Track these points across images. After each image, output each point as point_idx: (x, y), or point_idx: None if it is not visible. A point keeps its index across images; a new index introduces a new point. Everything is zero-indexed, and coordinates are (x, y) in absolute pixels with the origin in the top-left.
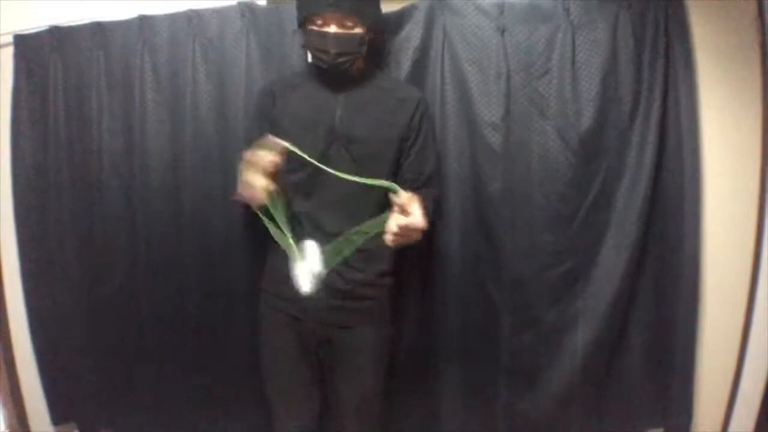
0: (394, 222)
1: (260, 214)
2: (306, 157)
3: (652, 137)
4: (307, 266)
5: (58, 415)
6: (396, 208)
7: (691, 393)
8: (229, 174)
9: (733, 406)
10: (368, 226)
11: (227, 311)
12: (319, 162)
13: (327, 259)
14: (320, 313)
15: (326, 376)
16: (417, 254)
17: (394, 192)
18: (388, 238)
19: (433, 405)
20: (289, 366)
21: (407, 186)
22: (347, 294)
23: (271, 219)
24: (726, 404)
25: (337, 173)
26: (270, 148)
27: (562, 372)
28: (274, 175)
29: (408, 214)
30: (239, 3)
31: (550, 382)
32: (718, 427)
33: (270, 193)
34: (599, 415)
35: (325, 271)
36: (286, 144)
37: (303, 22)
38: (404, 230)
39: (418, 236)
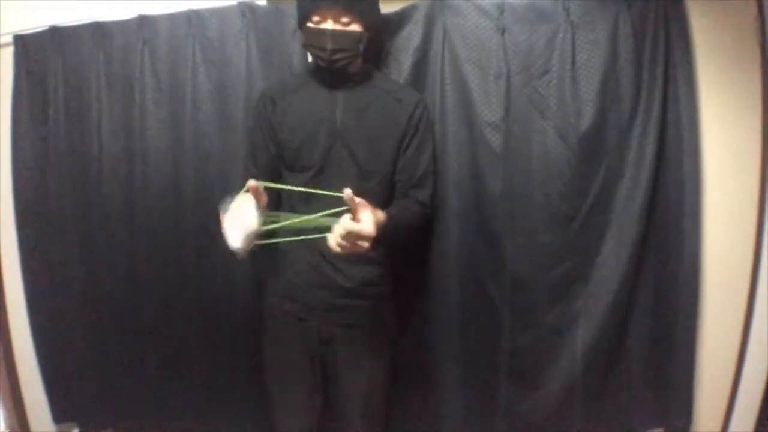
0: (341, 226)
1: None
2: (284, 187)
3: (652, 137)
4: (240, 219)
5: (58, 415)
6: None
7: (691, 393)
8: (229, 174)
9: (733, 406)
10: (314, 219)
11: (228, 311)
12: (322, 163)
13: (262, 221)
14: (324, 312)
15: (329, 376)
16: (417, 254)
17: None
18: (332, 243)
19: (433, 405)
20: (292, 367)
21: (400, 184)
22: (350, 292)
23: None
24: (726, 404)
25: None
26: (248, 189)
27: (562, 372)
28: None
29: (357, 219)
30: (239, 3)
31: (550, 382)
32: (718, 427)
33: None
34: (599, 415)
35: (257, 231)
36: (263, 184)
37: (302, 21)
38: (350, 237)
39: (365, 247)
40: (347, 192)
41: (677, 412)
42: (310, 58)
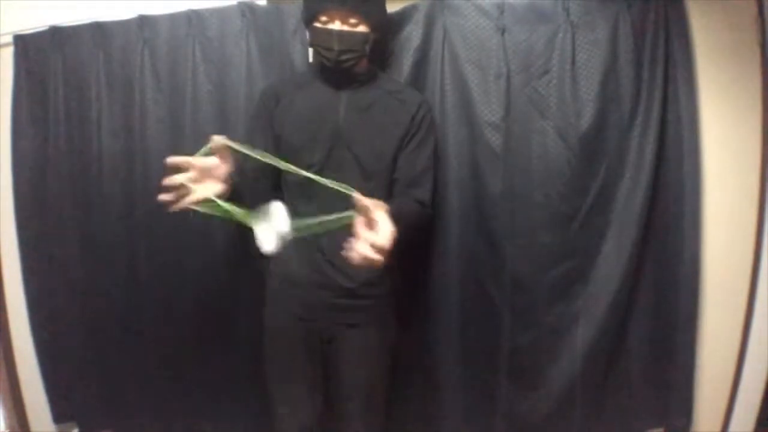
0: (363, 241)
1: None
2: (259, 157)
3: (652, 137)
4: (272, 226)
5: (58, 415)
6: (360, 220)
7: (691, 393)
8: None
9: (733, 406)
10: (334, 221)
11: (228, 311)
12: (323, 163)
13: (294, 227)
14: (326, 312)
15: (330, 375)
16: (418, 254)
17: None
18: (353, 257)
19: (433, 405)
20: (293, 366)
21: (397, 182)
22: (351, 292)
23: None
24: (726, 404)
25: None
26: (210, 150)
27: (562, 372)
28: (225, 179)
29: (372, 222)
30: (239, 3)
31: (550, 382)
32: (718, 427)
33: (210, 201)
34: (599, 415)
35: (290, 234)
36: (230, 143)
37: (309, 20)
38: (372, 248)
39: (383, 256)
40: (357, 197)
41: (677, 412)
42: (311, 58)
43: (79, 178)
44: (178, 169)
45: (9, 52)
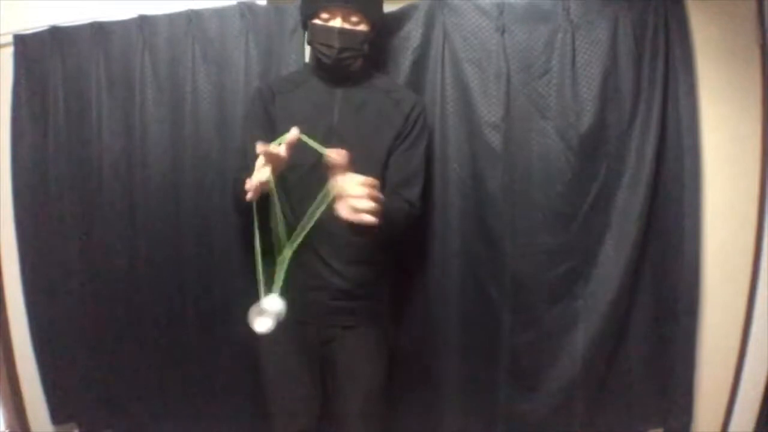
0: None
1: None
2: (316, 146)
3: (652, 137)
4: (266, 308)
5: (58, 415)
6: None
7: (691, 393)
8: (228, 174)
9: (733, 407)
10: (319, 203)
11: (227, 311)
12: (316, 162)
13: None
14: (322, 314)
15: (328, 377)
16: (417, 255)
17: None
18: (344, 216)
19: (433, 405)
20: (290, 369)
21: (389, 182)
22: (348, 294)
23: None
24: (726, 405)
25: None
26: (281, 140)
27: (562, 372)
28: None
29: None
30: (239, 3)
31: (550, 382)
32: (718, 427)
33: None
34: (599, 415)
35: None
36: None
37: (309, 17)
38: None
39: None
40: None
41: (677, 412)
42: (307, 58)
43: (79, 177)
44: None
45: (9, 52)
